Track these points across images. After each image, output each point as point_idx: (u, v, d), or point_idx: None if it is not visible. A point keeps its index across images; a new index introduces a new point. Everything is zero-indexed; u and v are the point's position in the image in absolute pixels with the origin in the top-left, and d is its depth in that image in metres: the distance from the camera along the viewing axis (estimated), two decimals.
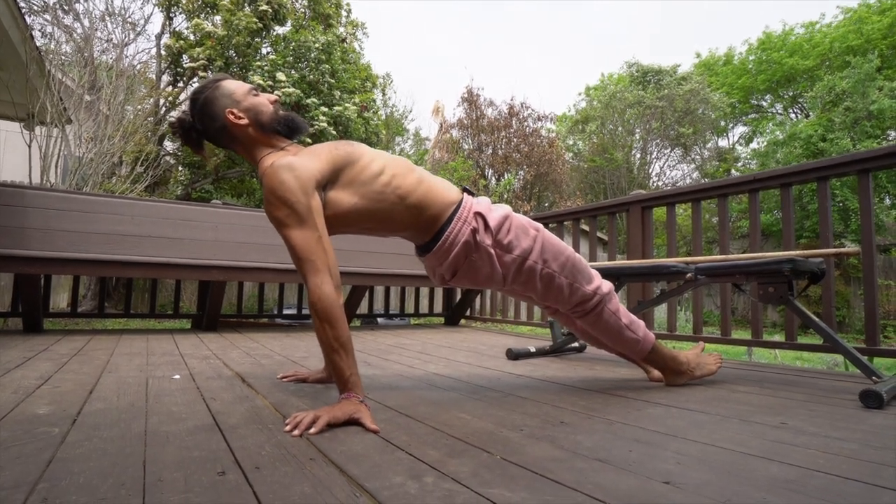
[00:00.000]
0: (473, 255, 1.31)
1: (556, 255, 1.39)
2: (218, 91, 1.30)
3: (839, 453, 0.92)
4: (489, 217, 1.32)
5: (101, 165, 5.72)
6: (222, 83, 1.31)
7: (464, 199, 1.35)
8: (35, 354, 2.01)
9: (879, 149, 1.99)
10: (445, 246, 1.31)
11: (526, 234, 1.36)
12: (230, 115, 1.27)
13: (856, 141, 12.46)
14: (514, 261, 1.34)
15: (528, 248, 1.35)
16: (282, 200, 1.15)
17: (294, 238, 1.15)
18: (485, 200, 1.39)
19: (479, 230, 1.30)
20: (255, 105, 1.30)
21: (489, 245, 1.31)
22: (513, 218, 1.37)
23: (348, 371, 1.11)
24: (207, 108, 1.29)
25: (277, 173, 1.17)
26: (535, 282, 1.39)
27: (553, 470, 0.80)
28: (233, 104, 1.29)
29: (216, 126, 1.30)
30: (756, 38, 18.91)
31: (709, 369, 1.68)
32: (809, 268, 1.61)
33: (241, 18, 7.51)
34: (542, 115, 12.56)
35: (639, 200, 2.94)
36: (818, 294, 9.54)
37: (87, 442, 0.89)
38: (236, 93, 1.30)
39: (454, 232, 1.30)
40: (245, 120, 1.28)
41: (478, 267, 1.33)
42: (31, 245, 2.89)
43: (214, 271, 3.00)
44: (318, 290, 1.11)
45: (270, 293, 7.11)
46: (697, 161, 18.33)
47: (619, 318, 1.48)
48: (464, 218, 1.31)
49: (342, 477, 0.75)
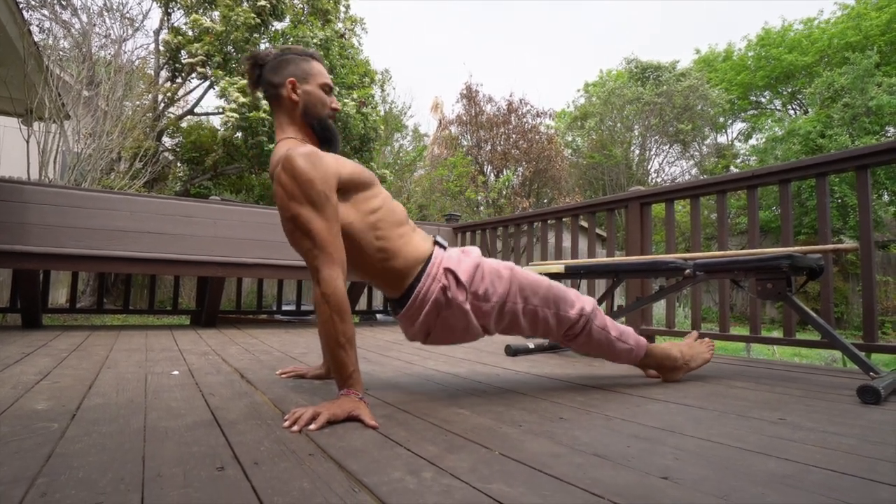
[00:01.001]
0: (444, 312, 1.27)
1: (535, 290, 1.36)
2: (301, 61, 1.32)
3: (837, 448, 0.92)
4: (459, 271, 1.27)
5: (99, 161, 5.71)
6: (312, 61, 1.34)
7: (433, 255, 1.31)
8: (34, 350, 2.01)
9: (878, 145, 1.99)
10: (416, 305, 1.27)
11: (500, 277, 1.32)
12: (289, 84, 1.28)
13: (854, 137, 12.46)
14: (493, 307, 1.30)
15: (505, 290, 1.31)
16: (304, 183, 1.13)
17: (314, 224, 1.12)
18: (454, 253, 1.34)
19: (449, 287, 1.26)
20: (316, 96, 1.31)
21: (462, 301, 1.26)
22: (483, 265, 1.32)
23: (351, 367, 1.11)
24: (283, 65, 1.31)
25: (302, 157, 1.14)
26: (520, 321, 1.35)
27: (551, 465, 0.81)
28: (300, 79, 1.30)
29: (274, 81, 1.30)
30: (755, 34, 18.90)
31: (703, 358, 1.69)
32: (808, 264, 1.61)
33: (240, 14, 7.48)
34: (541, 111, 12.52)
35: (637, 197, 2.94)
36: (817, 290, 9.56)
37: (86, 437, 0.89)
38: (312, 75, 1.31)
39: (423, 290, 1.26)
40: (297, 98, 1.29)
41: (451, 324, 1.29)
42: (30, 241, 2.89)
43: (213, 267, 3.00)
44: (333, 283, 1.10)
45: (269, 289, 7.11)
46: (696, 157, 18.33)
47: (609, 332, 1.47)
48: (433, 275, 1.27)
49: (341, 472, 0.76)
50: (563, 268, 2.22)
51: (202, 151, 8.71)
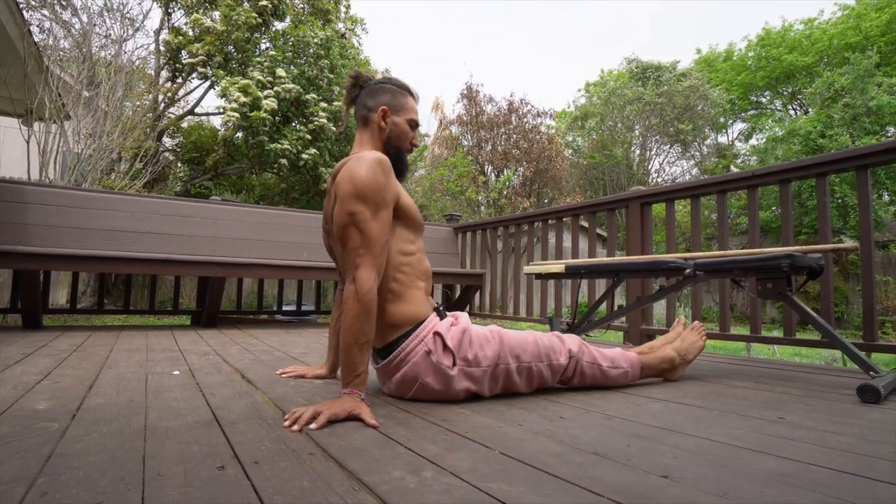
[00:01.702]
0: (426, 378, 1.23)
1: (524, 347, 1.35)
2: (398, 94, 1.39)
3: (836, 447, 0.93)
4: (447, 336, 1.25)
5: (99, 161, 5.72)
6: (408, 96, 1.41)
7: (428, 319, 1.28)
8: (34, 350, 2.01)
9: (878, 144, 1.99)
10: (394, 363, 1.25)
11: (488, 341, 1.31)
12: (382, 111, 1.35)
13: (855, 137, 12.45)
14: (486, 371, 1.29)
15: (495, 353, 1.30)
16: (373, 186, 1.18)
17: (370, 227, 1.16)
18: (446, 321, 1.30)
19: (433, 351, 1.23)
20: (402, 129, 1.38)
21: (448, 366, 1.23)
22: (471, 331, 1.30)
23: (361, 367, 1.12)
24: (381, 91, 1.38)
25: (377, 163, 1.21)
26: (515, 379, 1.34)
27: (551, 464, 0.81)
28: (393, 109, 1.37)
29: (369, 104, 1.37)
30: (755, 34, 18.90)
31: (697, 346, 1.70)
32: (808, 263, 1.61)
33: (241, 14, 7.49)
34: (541, 111, 12.51)
35: (638, 196, 2.94)
36: (817, 290, 9.56)
37: (86, 437, 0.90)
38: (404, 108, 1.38)
39: (407, 349, 1.24)
40: (384, 126, 1.36)
41: (431, 389, 1.24)
42: (31, 241, 2.89)
43: (214, 267, 3.00)
44: (370, 283, 1.12)
45: (270, 290, 7.11)
46: (697, 157, 18.32)
47: (600, 364, 1.47)
48: (420, 337, 1.25)
49: (341, 471, 0.76)
50: (564, 267, 2.22)
51: (202, 151, 8.71)
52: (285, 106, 7.60)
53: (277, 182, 9.11)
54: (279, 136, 7.52)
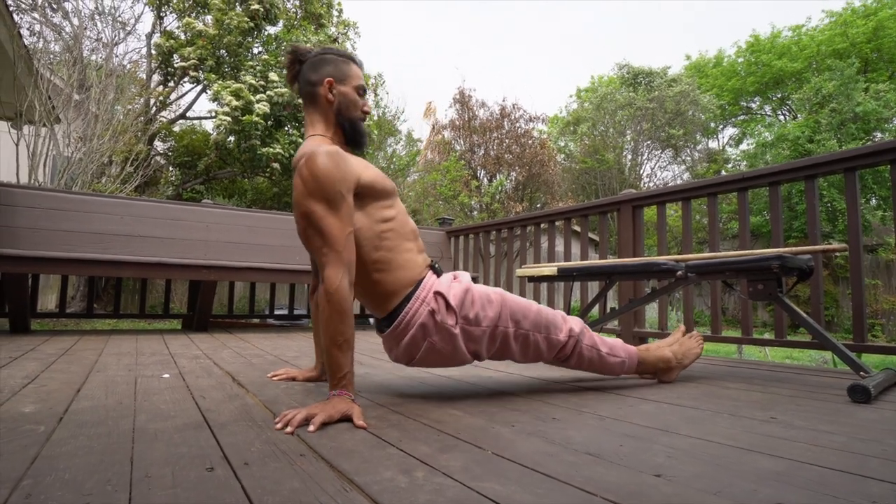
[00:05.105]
0: (433, 338, 1.25)
1: (525, 314, 1.36)
2: (340, 62, 1.33)
3: (827, 446, 0.93)
4: (449, 295, 1.26)
5: (90, 165, 5.67)
6: (351, 63, 1.35)
7: (425, 279, 1.30)
8: (22, 354, 1.98)
9: (865, 147, 2.02)
10: (400, 328, 1.26)
11: (490, 301, 1.31)
12: (327, 83, 1.30)
13: (842, 142, 12.62)
14: (484, 332, 1.30)
15: (496, 315, 1.31)
16: (323, 181, 1.14)
17: (327, 223, 1.13)
18: (445, 278, 1.33)
19: (438, 311, 1.25)
20: (351, 98, 1.32)
21: (452, 325, 1.25)
22: (473, 290, 1.31)
23: (346, 368, 1.11)
24: (322, 63, 1.32)
25: (326, 155, 1.16)
26: (511, 344, 1.35)
27: (544, 464, 0.80)
28: (338, 79, 1.31)
29: (312, 79, 1.32)
30: (745, 40, 19.12)
31: (694, 353, 1.70)
32: (798, 264, 1.62)
33: (233, 18, 7.47)
34: (533, 116, 12.59)
35: (629, 199, 2.96)
36: (807, 294, 9.64)
37: (73, 439, 0.88)
38: (349, 76, 1.33)
39: (410, 312, 1.25)
40: (332, 98, 1.30)
41: (438, 349, 1.27)
42: (20, 244, 2.86)
43: (205, 271, 2.98)
44: (338, 282, 1.10)
45: (262, 293, 7.06)
46: (688, 162, 18.48)
47: (599, 348, 1.47)
48: (422, 298, 1.26)
49: (332, 472, 0.75)
50: (556, 270, 2.22)
51: (194, 155, 8.67)
52: (278, 110, 7.58)
53: (269, 186, 9.08)
54: (271, 140, 7.50)
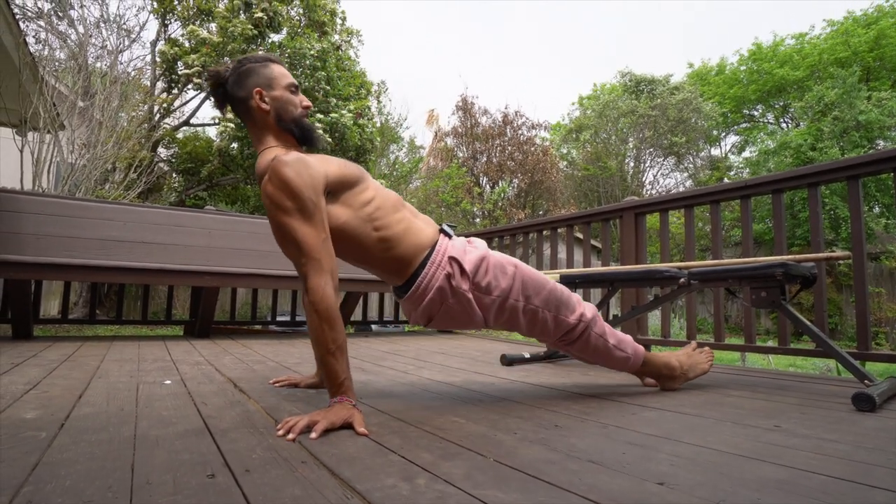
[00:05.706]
0: (450, 300, 1.28)
1: (538, 290, 1.36)
2: (261, 68, 1.30)
3: (832, 455, 0.92)
4: (464, 261, 1.28)
5: (93, 171, 5.70)
6: (270, 65, 1.32)
7: (438, 243, 1.32)
8: (24, 360, 1.98)
9: (868, 155, 2.01)
10: (419, 292, 1.28)
11: (504, 272, 1.33)
12: (256, 95, 1.27)
13: (845, 150, 12.61)
14: (493, 301, 1.31)
15: (508, 287, 1.32)
16: (291, 193, 1.12)
17: (301, 233, 1.12)
18: (460, 242, 1.35)
19: (454, 275, 1.27)
20: (285, 99, 1.29)
21: (466, 290, 1.27)
22: (489, 257, 1.33)
23: (343, 374, 1.10)
24: (243, 77, 1.29)
25: (288, 166, 1.14)
26: (519, 318, 1.36)
27: (546, 472, 0.80)
28: (265, 87, 1.28)
29: (240, 96, 1.29)
30: (747, 48, 19.17)
31: (701, 368, 1.69)
32: (801, 272, 1.62)
33: (237, 25, 7.52)
34: (536, 123, 12.62)
35: (632, 207, 2.96)
36: (811, 302, 9.60)
37: (74, 446, 0.88)
38: (276, 79, 1.30)
39: (427, 277, 1.27)
40: (267, 107, 1.28)
41: (454, 313, 1.30)
42: (24, 250, 2.86)
43: (207, 277, 2.98)
44: (322, 291, 1.09)
45: (264, 300, 7.07)
46: (690, 170, 18.47)
47: (607, 339, 1.47)
48: (437, 262, 1.28)
49: (333, 479, 0.75)
50: (559, 277, 2.22)
51: (198, 162, 8.71)
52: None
53: None
54: None
